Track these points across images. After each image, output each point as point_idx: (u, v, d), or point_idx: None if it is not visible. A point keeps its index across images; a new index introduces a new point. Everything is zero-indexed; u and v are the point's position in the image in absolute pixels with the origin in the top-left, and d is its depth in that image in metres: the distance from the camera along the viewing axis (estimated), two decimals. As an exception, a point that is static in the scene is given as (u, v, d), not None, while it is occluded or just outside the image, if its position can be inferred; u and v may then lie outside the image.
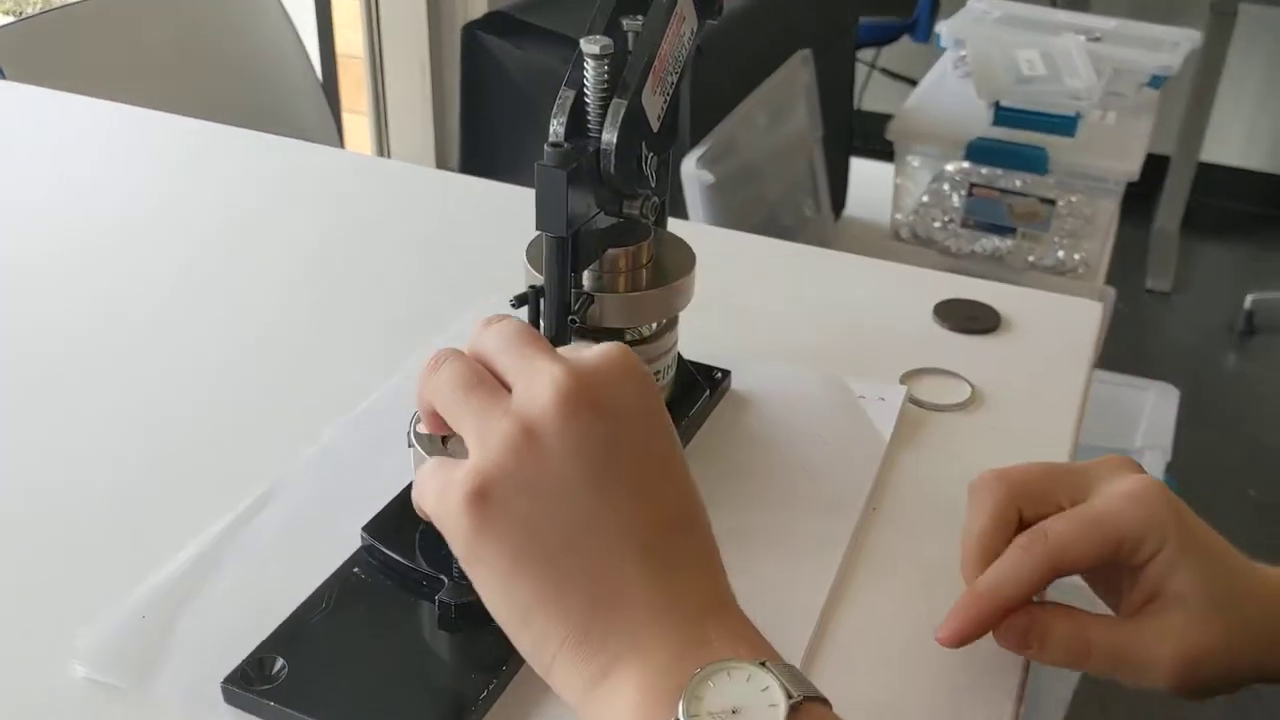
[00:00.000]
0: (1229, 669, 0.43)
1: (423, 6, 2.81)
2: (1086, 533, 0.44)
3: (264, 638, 0.46)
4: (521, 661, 0.39)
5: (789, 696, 0.34)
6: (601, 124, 0.51)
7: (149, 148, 0.93)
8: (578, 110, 0.51)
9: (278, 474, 0.56)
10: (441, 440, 0.48)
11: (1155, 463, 1.09)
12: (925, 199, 1.69)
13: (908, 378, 0.66)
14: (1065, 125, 1.53)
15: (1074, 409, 0.64)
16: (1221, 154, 3.55)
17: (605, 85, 0.51)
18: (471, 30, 1.14)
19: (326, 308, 0.72)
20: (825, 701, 0.35)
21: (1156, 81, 1.67)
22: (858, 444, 0.60)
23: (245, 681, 0.45)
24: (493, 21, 1.13)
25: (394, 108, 2.95)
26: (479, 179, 0.89)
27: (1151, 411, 1.20)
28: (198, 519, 0.53)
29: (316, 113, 1.85)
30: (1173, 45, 1.68)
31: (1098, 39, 1.69)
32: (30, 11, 3.44)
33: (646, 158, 0.53)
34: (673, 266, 0.56)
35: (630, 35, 0.52)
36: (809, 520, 0.55)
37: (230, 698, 0.45)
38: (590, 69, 0.50)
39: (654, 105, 0.53)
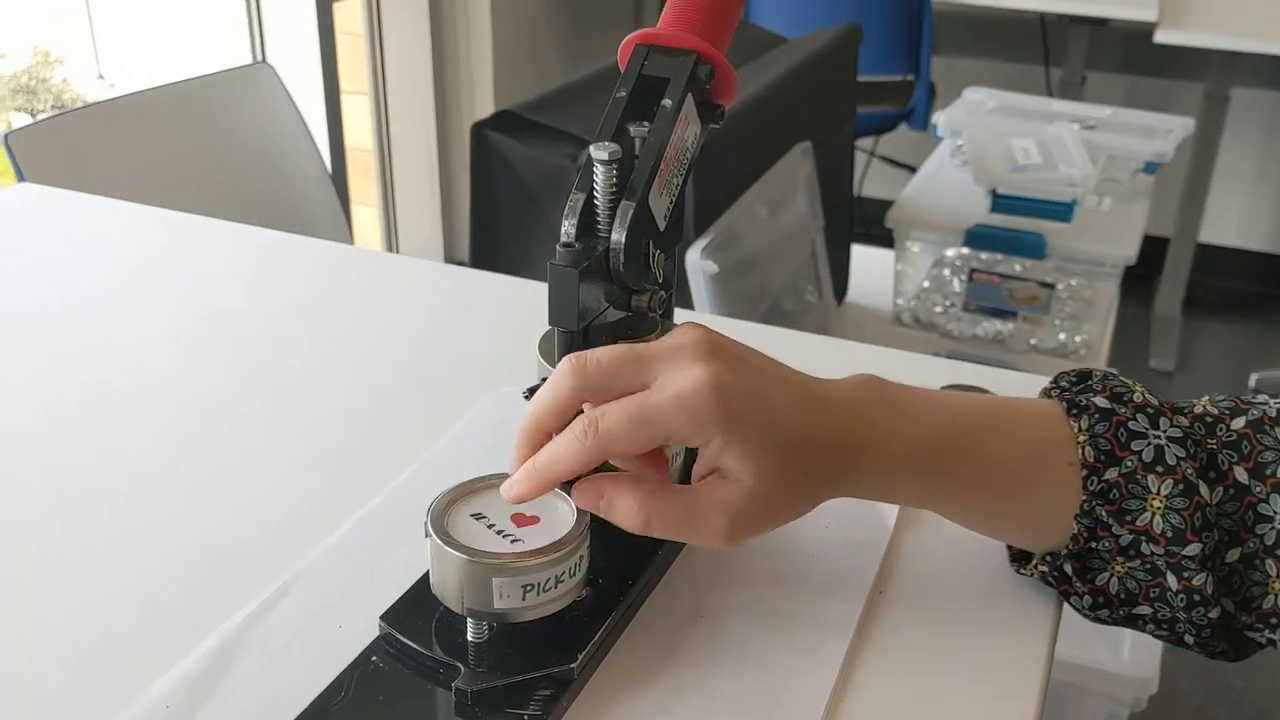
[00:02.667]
0: (765, 524, 0.51)
1: (430, 103, 2.88)
2: (633, 429, 0.48)
3: (285, 727, 0.47)
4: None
5: None
6: (611, 224, 0.53)
7: (163, 245, 0.96)
8: (588, 211, 0.53)
9: (296, 566, 0.57)
10: (443, 527, 0.50)
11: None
12: (926, 284, 1.72)
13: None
14: (1062, 211, 1.57)
15: (1074, 492, 0.65)
16: (1220, 235, 3.59)
17: (614, 188, 0.53)
18: (480, 129, 1.17)
19: (342, 400, 0.74)
20: None
21: (1151, 168, 1.70)
22: (863, 529, 0.61)
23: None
24: (501, 120, 1.17)
25: (402, 201, 3.00)
26: (489, 273, 0.92)
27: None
28: (219, 611, 0.54)
29: (326, 206, 1.89)
30: (1166, 132, 1.72)
31: (1092, 127, 1.73)
32: (42, 109, 3.51)
33: (653, 255, 0.55)
34: (680, 358, 0.58)
35: (637, 141, 0.55)
36: (816, 603, 0.56)
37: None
38: (600, 173, 0.53)
39: (660, 206, 0.55)
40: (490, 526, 0.51)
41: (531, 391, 0.56)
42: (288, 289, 0.89)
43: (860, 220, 2.11)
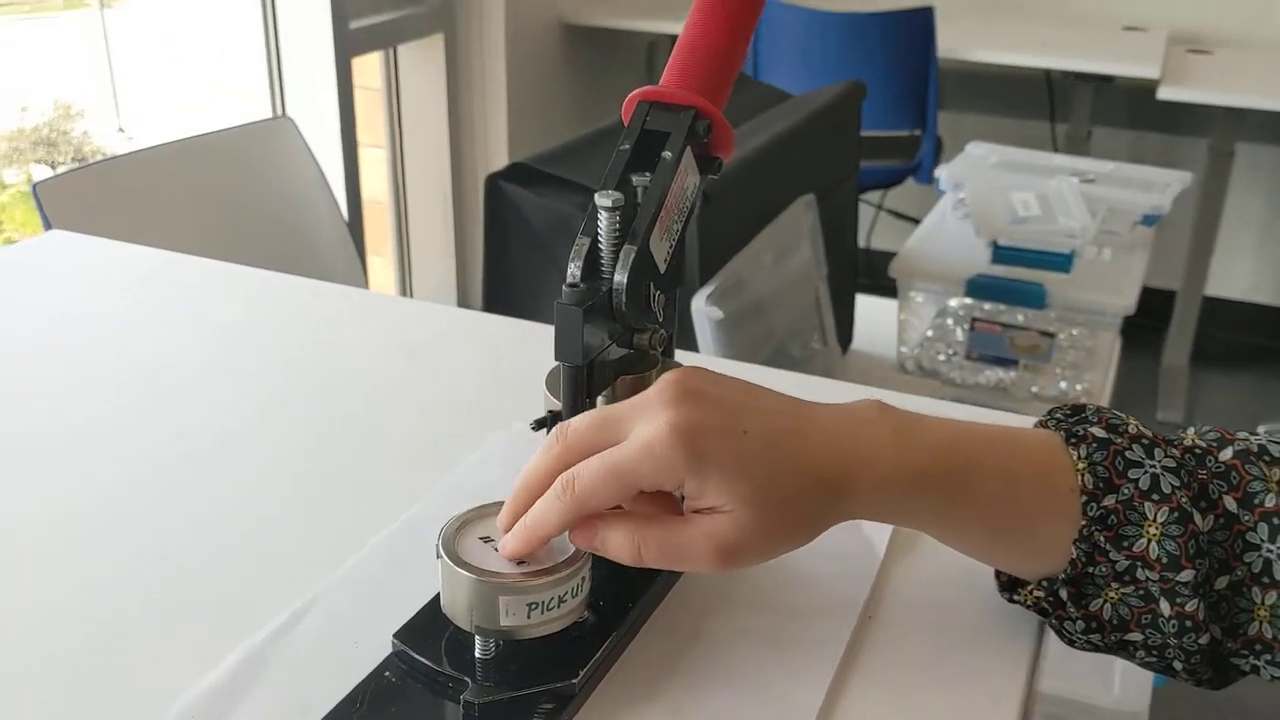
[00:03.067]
0: (763, 549, 0.52)
1: (446, 156, 2.94)
2: (606, 483, 0.51)
3: (304, 735, 0.50)
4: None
5: None
6: (614, 267, 0.57)
7: (186, 289, 1.00)
8: (593, 255, 0.57)
9: (315, 588, 0.61)
10: (453, 549, 0.53)
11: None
12: (930, 333, 1.75)
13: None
14: (1061, 262, 1.60)
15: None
16: (1227, 288, 3.62)
17: (617, 233, 0.57)
18: (494, 180, 1.22)
19: (359, 437, 0.78)
20: None
21: (1150, 220, 1.74)
22: (854, 557, 0.64)
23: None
24: (514, 172, 1.21)
25: (417, 251, 3.06)
26: (502, 317, 0.95)
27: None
28: (243, 628, 0.57)
29: (343, 255, 1.94)
30: (1164, 186, 1.76)
31: (1091, 181, 1.77)
32: (62, 161, 3.59)
33: (654, 295, 0.59)
34: (679, 394, 0.61)
35: (639, 189, 0.58)
36: (807, 625, 0.59)
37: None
38: (604, 219, 0.57)
39: (661, 250, 0.58)
40: (498, 549, 0.54)
41: (539, 424, 0.59)
42: (304, 330, 0.93)
43: (868, 272, 2.15)
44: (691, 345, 1.19)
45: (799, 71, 2.97)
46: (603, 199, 0.56)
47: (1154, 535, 0.53)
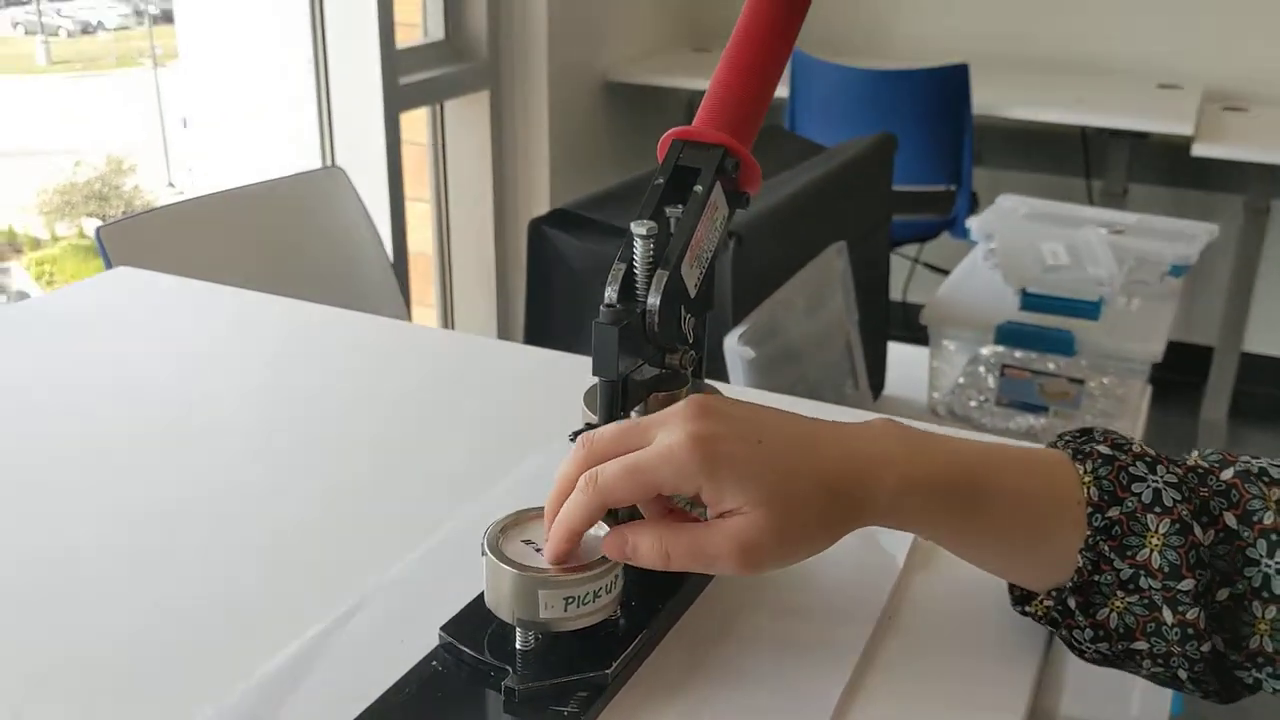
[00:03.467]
0: (783, 549, 0.56)
1: (489, 209, 3.01)
2: (627, 480, 0.55)
3: (355, 716, 0.55)
4: None
5: None
6: (648, 290, 0.61)
7: (244, 321, 1.05)
8: (628, 279, 0.62)
9: (369, 587, 0.65)
10: (498, 548, 0.58)
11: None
12: (961, 380, 1.78)
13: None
14: (1089, 310, 1.63)
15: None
16: (1265, 344, 3.62)
17: (651, 259, 0.61)
18: (537, 225, 1.27)
19: (409, 455, 0.82)
20: None
21: (1178, 270, 1.77)
22: (873, 567, 0.68)
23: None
24: (556, 217, 1.27)
25: (460, 303, 3.12)
26: (542, 349, 1.00)
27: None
28: (301, 623, 0.62)
29: (390, 302, 2.00)
30: (1191, 237, 1.79)
31: (1120, 232, 1.80)
32: (113, 214, 3.70)
33: (685, 318, 0.63)
34: (708, 410, 0.65)
35: (672, 220, 0.63)
36: (827, 629, 0.63)
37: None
38: (639, 246, 0.61)
39: (691, 276, 0.63)
40: (538, 549, 0.58)
41: (575, 435, 0.64)
42: (355, 359, 0.98)
43: (904, 325, 2.18)
44: (725, 381, 1.23)
45: (836, 127, 3.03)
46: (638, 227, 0.61)
47: (1156, 545, 0.56)
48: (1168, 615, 0.56)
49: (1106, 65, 3.47)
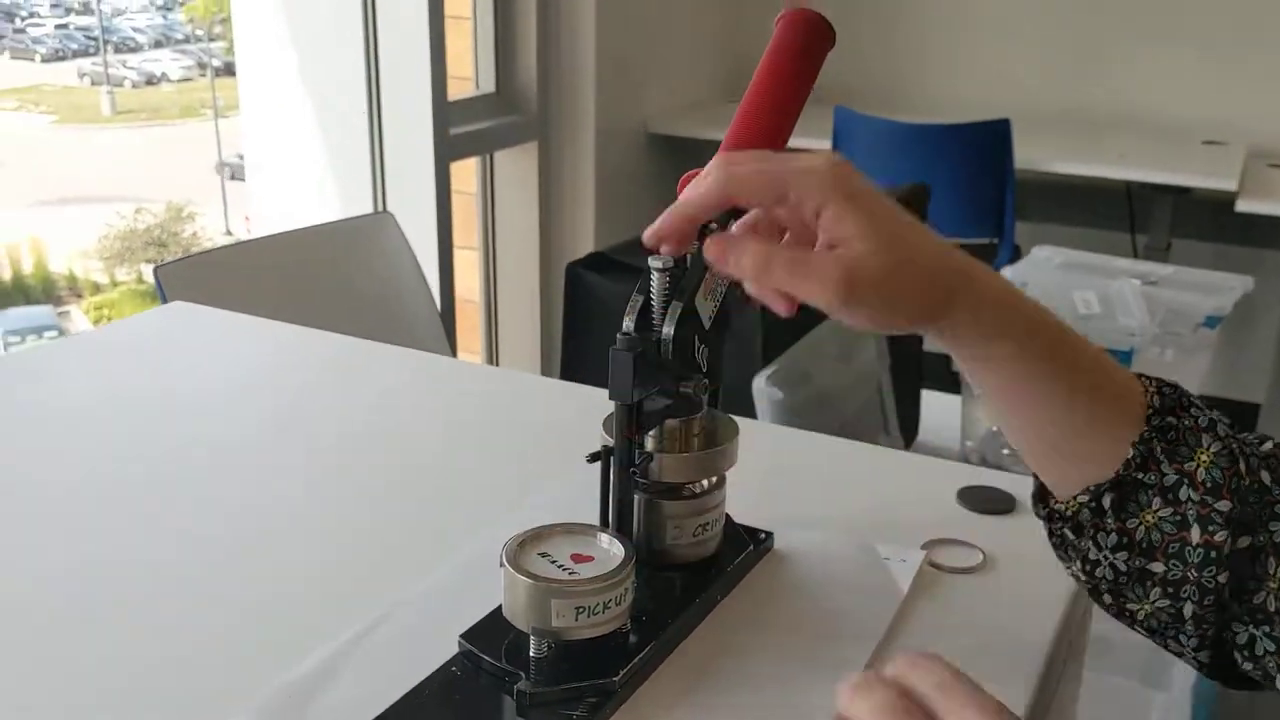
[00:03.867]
0: (884, 291, 0.55)
1: (535, 257, 3.07)
2: (760, 173, 0.57)
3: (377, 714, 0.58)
4: None
5: None
6: (663, 321, 0.65)
7: (293, 354, 1.10)
8: (645, 311, 0.65)
9: (396, 598, 0.69)
10: (516, 560, 0.61)
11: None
12: (994, 428, 1.80)
13: (928, 545, 0.77)
14: (1121, 359, 1.65)
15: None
16: (1314, 401, 3.58)
17: (667, 292, 0.65)
18: (574, 268, 1.32)
19: (440, 479, 0.86)
20: None
21: (1211, 322, 1.78)
22: (878, 593, 0.70)
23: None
24: (592, 260, 1.31)
25: (504, 345, 3.18)
26: (574, 384, 1.04)
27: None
28: (331, 632, 0.66)
29: (435, 346, 2.05)
30: (1226, 289, 1.81)
31: (1154, 283, 1.82)
32: (171, 259, 3.81)
33: (699, 349, 0.67)
34: (719, 436, 0.69)
35: (688, 256, 0.67)
36: (831, 646, 0.65)
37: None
38: (655, 279, 0.65)
39: (706, 308, 0.66)
40: (553, 562, 0.62)
41: (593, 457, 0.67)
42: (395, 391, 1.03)
43: (946, 375, 2.19)
44: (752, 417, 1.26)
45: (878, 180, 3.06)
46: (655, 261, 0.65)
47: (1204, 462, 0.58)
48: (1195, 534, 0.57)
49: (1151, 121, 3.49)
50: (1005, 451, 1.78)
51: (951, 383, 1.87)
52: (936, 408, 1.92)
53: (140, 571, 0.74)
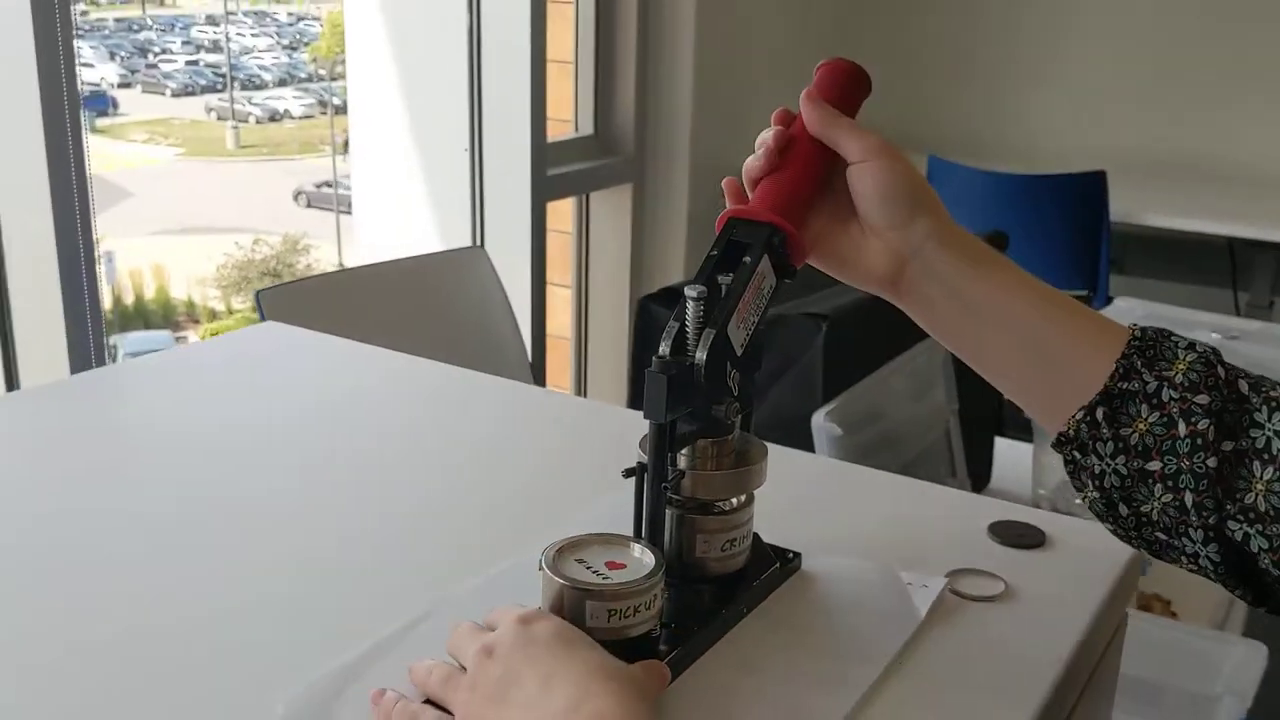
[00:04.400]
0: (911, 197, 0.71)
1: (626, 295, 3.14)
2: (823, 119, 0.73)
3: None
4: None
5: None
6: (697, 347, 0.69)
7: (378, 376, 1.17)
8: (680, 336, 0.70)
9: (440, 598, 0.74)
10: (554, 564, 0.66)
11: (1232, 708, 1.14)
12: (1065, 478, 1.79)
13: (953, 574, 0.80)
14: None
15: (1092, 608, 0.77)
16: None
17: (700, 319, 0.70)
18: (645, 302, 1.37)
19: (493, 494, 0.92)
20: None
21: (1294, 379, 1.76)
22: (897, 615, 0.74)
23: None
24: (662, 295, 1.36)
25: (592, 383, 3.24)
26: (637, 411, 1.09)
27: (1236, 665, 1.24)
28: (376, 627, 0.72)
29: (520, 376, 2.12)
30: (1311, 352, 1.78)
31: (1235, 338, 1.81)
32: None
33: (731, 374, 0.71)
34: (750, 457, 0.73)
35: (723, 287, 0.72)
36: (841, 665, 0.69)
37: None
38: (690, 307, 0.70)
39: (738, 336, 0.71)
40: (589, 568, 0.67)
41: (628, 472, 0.72)
42: (479, 418, 1.09)
43: (1022, 424, 2.19)
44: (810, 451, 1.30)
45: (970, 229, 3.07)
46: (690, 290, 0.69)
47: (1182, 369, 0.64)
48: (1181, 428, 0.64)
49: (1254, 175, 3.43)
50: (1077, 501, 1.78)
51: (1024, 430, 1.88)
52: (1010, 455, 1.92)
53: (200, 560, 0.81)
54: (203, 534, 0.85)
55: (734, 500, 0.73)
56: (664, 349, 0.70)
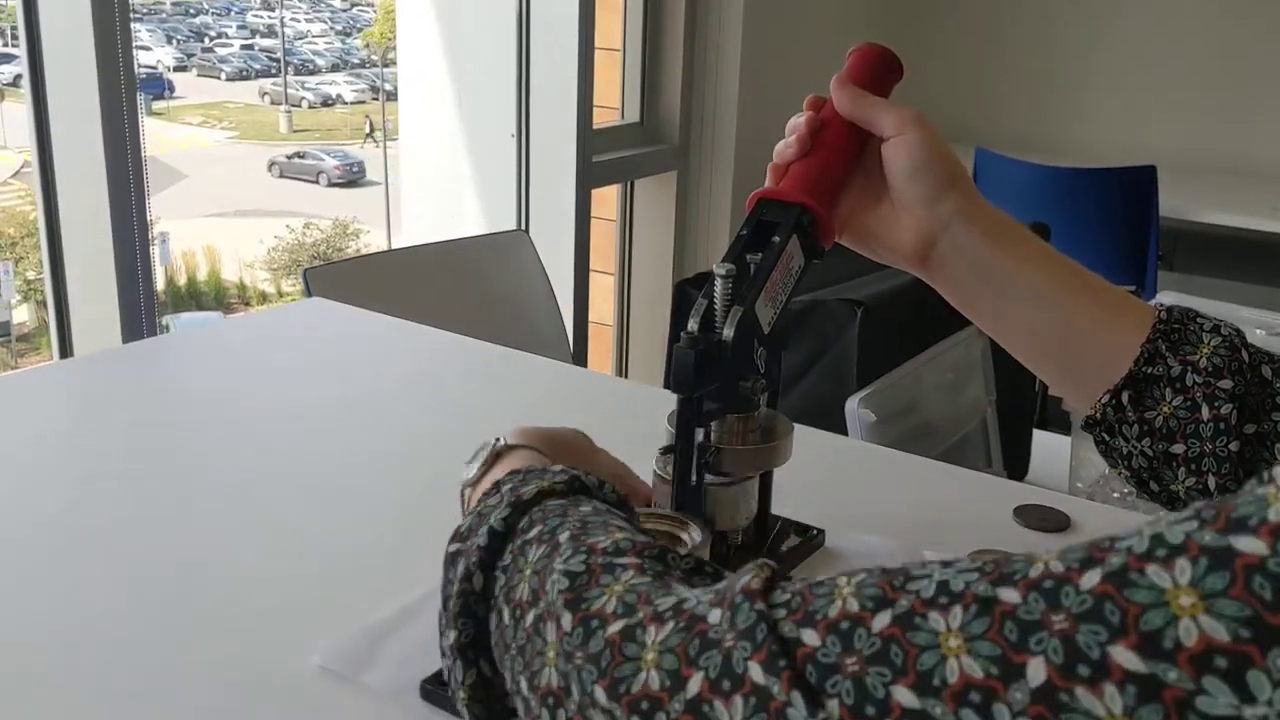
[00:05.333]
0: (944, 171, 0.71)
1: (668, 284, 3.15)
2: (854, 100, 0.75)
3: (444, 657, 0.65)
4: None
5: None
6: (724, 324, 0.71)
7: (419, 352, 1.19)
8: (709, 313, 0.72)
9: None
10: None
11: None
12: (1107, 471, 1.79)
13: (975, 554, 0.80)
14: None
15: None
16: None
17: (729, 297, 0.71)
18: (682, 285, 1.39)
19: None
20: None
21: (1339, 377, 1.74)
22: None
23: (439, 683, 0.64)
24: (698, 279, 1.37)
25: (634, 369, 3.26)
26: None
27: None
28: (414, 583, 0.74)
29: (559, 358, 2.14)
30: (1357, 344, 1.76)
31: (1279, 334, 1.79)
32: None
33: (758, 351, 0.73)
34: (775, 433, 0.75)
35: (751, 265, 0.73)
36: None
37: (426, 695, 0.64)
38: (718, 285, 0.71)
39: (765, 314, 0.72)
40: None
41: (665, 450, 0.74)
42: (519, 396, 1.11)
43: (1060, 417, 2.18)
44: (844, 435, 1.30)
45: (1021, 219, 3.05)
46: (719, 268, 0.71)
47: (1206, 353, 0.65)
48: (1205, 412, 0.64)
49: (1309, 173, 3.38)
50: (1115, 495, 1.78)
51: (1063, 424, 1.87)
52: (1048, 449, 1.92)
53: (248, 517, 0.83)
54: (248, 494, 0.87)
55: (759, 474, 0.75)
56: (693, 325, 0.71)
